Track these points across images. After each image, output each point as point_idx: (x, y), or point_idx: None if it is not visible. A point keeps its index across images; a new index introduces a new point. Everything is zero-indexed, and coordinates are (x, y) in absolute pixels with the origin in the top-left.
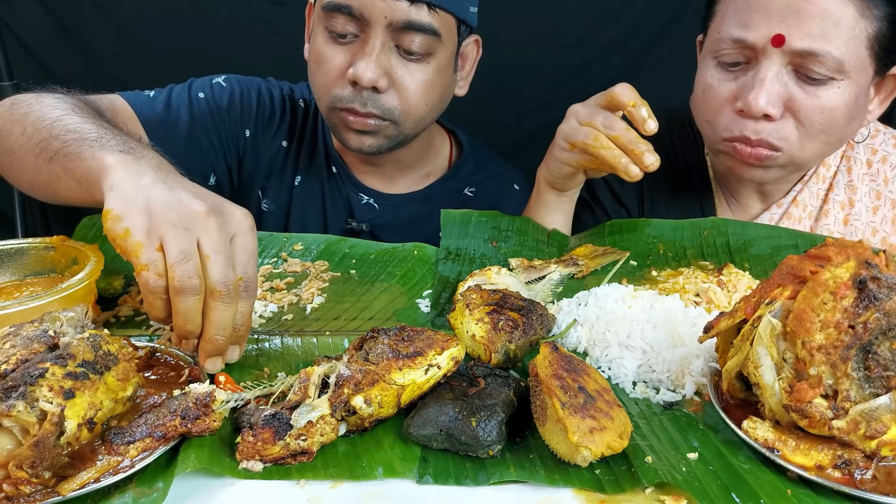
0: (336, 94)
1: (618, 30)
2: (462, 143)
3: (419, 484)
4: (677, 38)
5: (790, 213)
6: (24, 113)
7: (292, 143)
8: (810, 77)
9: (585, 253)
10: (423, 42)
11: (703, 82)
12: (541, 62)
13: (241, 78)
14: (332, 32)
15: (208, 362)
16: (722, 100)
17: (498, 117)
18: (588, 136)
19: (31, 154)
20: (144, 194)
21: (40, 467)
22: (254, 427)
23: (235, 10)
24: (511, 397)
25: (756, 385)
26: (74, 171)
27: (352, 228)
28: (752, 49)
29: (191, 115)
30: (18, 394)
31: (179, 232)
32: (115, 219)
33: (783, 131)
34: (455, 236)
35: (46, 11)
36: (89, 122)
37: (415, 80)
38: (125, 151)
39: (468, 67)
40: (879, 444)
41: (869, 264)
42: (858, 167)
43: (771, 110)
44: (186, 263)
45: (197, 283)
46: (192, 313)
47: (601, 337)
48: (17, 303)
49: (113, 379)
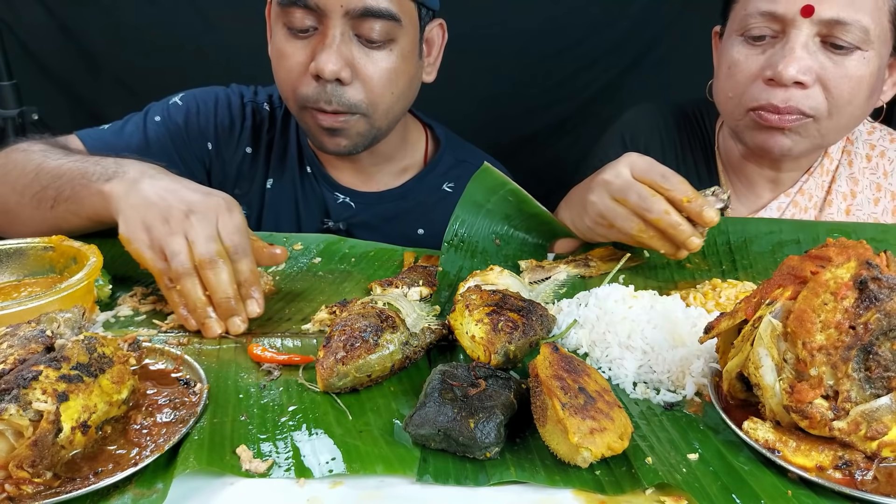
0: (302, 94)
1: (618, 30)
2: (439, 138)
3: (419, 484)
4: (678, 37)
5: (797, 202)
6: (1, 174)
7: (259, 148)
8: (837, 45)
9: (601, 255)
10: (383, 28)
11: (729, 59)
12: (541, 62)
13: (199, 92)
14: (290, 28)
15: (229, 324)
16: (750, 73)
17: (499, 117)
18: (629, 226)
19: (29, 208)
20: (138, 213)
21: (40, 466)
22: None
23: (235, 10)
24: (511, 399)
25: (757, 386)
26: (79, 212)
27: (328, 228)
28: (780, 21)
29: (145, 138)
30: (11, 397)
31: (171, 238)
32: (126, 242)
33: (813, 100)
34: (473, 201)
35: (46, 11)
36: (65, 161)
37: (378, 69)
38: (111, 178)
39: (434, 53)
40: (880, 444)
41: (870, 265)
42: (859, 161)
43: (802, 77)
44: (178, 257)
45: (188, 265)
46: (191, 290)
47: (601, 337)
48: (17, 303)
49: (108, 382)
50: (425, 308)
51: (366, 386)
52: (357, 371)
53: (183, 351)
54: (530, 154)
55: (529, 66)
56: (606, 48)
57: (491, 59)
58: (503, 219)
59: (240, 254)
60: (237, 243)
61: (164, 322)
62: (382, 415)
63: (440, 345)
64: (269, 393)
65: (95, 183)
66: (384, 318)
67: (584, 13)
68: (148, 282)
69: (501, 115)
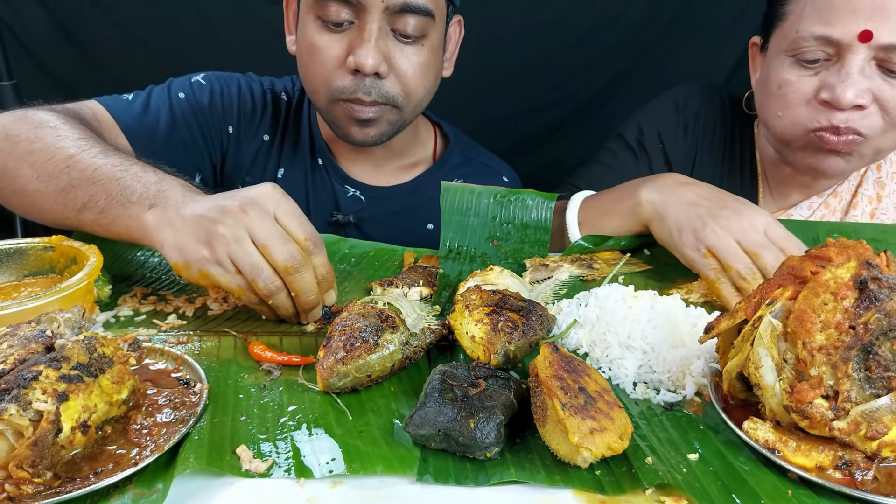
0: (337, 86)
1: (619, 30)
2: (448, 136)
3: (419, 484)
4: (679, 38)
5: (828, 203)
6: (27, 150)
7: (275, 137)
8: (893, 70)
9: (607, 258)
10: (418, 24)
11: (779, 79)
12: (541, 62)
13: (221, 74)
14: (325, 21)
15: (310, 316)
16: (803, 95)
17: (499, 117)
18: (735, 277)
19: (52, 202)
20: (188, 233)
21: (40, 466)
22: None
23: (235, 10)
24: (511, 399)
25: (757, 386)
26: (109, 227)
27: (337, 221)
28: (835, 45)
29: (171, 116)
30: (11, 397)
31: (235, 249)
32: (185, 268)
33: (870, 119)
34: (456, 212)
35: (46, 11)
36: (101, 161)
37: (412, 64)
38: (154, 204)
39: (451, 48)
40: (880, 444)
41: (870, 265)
42: (888, 165)
43: (860, 101)
44: (262, 274)
45: (279, 283)
46: (284, 303)
47: (601, 337)
48: (17, 303)
49: (108, 382)
50: (425, 308)
51: (366, 386)
52: (357, 371)
53: (183, 351)
54: (529, 154)
55: (529, 65)
56: (606, 48)
57: (491, 59)
58: (492, 219)
59: (317, 246)
60: (311, 234)
61: (164, 322)
62: (382, 415)
63: (440, 345)
64: (269, 393)
65: (135, 205)
66: (384, 318)
67: (585, 13)
68: (148, 282)
69: (501, 116)
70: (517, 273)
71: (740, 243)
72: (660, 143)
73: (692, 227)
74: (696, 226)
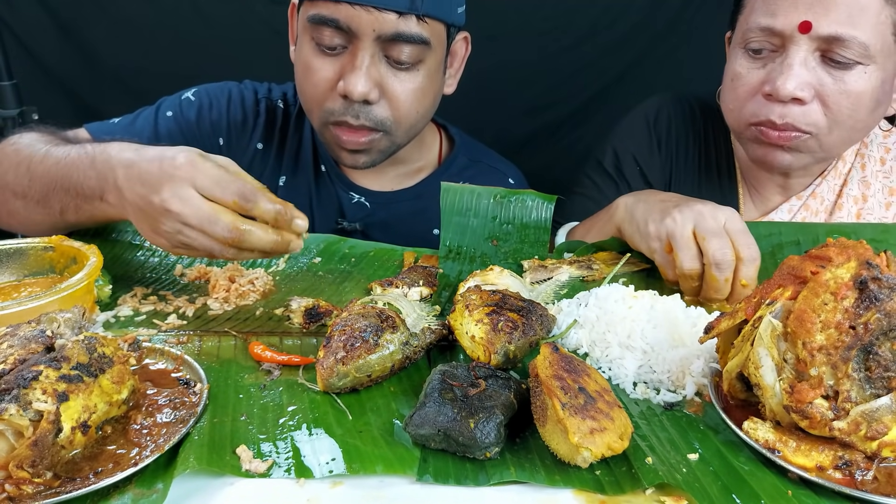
0: (328, 108)
1: (619, 30)
2: (453, 138)
3: (419, 484)
4: (678, 38)
5: (808, 205)
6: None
7: (271, 145)
8: (836, 62)
9: (605, 258)
10: (413, 52)
11: (732, 72)
12: (541, 62)
13: (211, 87)
14: (319, 45)
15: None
16: (750, 87)
17: (499, 118)
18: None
19: (38, 214)
20: (144, 227)
21: (40, 466)
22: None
23: (235, 10)
24: (511, 399)
25: (757, 386)
26: (94, 219)
27: (343, 228)
28: (779, 36)
29: (155, 133)
30: (11, 397)
31: (182, 238)
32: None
33: (811, 116)
34: (456, 213)
35: (46, 11)
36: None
37: (405, 90)
38: (105, 192)
39: (457, 65)
40: (880, 444)
41: (870, 265)
42: (872, 164)
43: (799, 93)
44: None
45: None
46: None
47: (601, 337)
48: (17, 303)
49: (108, 382)
50: (425, 308)
51: (366, 386)
52: (357, 371)
53: (183, 351)
54: (529, 155)
55: (530, 65)
56: (606, 48)
57: (491, 59)
58: (492, 220)
59: (249, 199)
60: (237, 192)
61: (164, 322)
62: (382, 415)
63: (440, 345)
64: (269, 393)
65: (94, 199)
66: (384, 318)
67: (585, 13)
68: (148, 282)
69: (501, 116)
70: (516, 273)
71: (696, 228)
72: (637, 166)
73: (656, 219)
74: (659, 217)
